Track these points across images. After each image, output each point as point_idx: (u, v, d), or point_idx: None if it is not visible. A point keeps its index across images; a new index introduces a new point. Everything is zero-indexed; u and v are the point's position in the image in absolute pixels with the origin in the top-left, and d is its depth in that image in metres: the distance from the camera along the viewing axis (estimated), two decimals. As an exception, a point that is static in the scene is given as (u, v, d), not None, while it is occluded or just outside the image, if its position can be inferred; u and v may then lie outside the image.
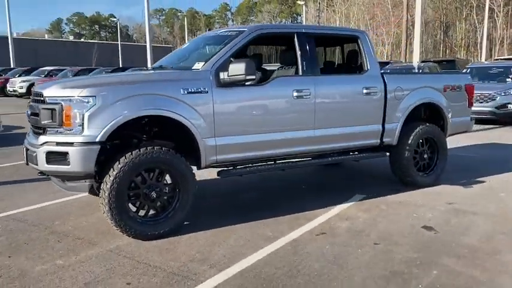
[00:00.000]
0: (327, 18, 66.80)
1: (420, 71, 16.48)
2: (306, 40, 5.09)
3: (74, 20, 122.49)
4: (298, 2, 57.75)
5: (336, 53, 6.93)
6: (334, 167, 7.25)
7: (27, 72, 28.67)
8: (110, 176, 3.95)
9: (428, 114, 6.36)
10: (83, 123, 3.91)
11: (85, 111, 3.91)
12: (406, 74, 8.23)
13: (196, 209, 4.66)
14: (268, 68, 6.02)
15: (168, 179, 4.31)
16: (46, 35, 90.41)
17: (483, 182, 6.22)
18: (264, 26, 5.11)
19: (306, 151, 5.15)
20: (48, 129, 4.03)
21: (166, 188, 4.27)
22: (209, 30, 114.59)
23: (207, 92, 4.37)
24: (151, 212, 4.29)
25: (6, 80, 27.46)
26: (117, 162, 3.98)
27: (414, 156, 5.93)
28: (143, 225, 4.15)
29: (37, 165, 4.08)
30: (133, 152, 4.04)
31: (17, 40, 46.02)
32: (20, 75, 27.99)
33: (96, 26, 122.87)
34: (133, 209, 4.21)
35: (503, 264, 3.61)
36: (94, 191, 4.27)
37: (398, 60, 33.52)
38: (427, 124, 6.01)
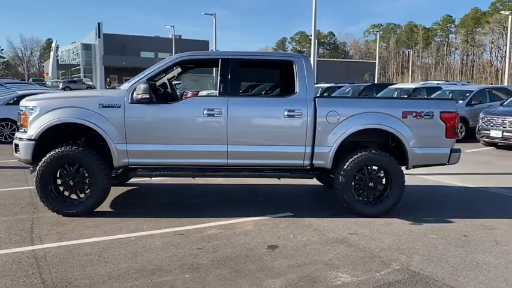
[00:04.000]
0: None
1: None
2: (228, 65, 5.66)
3: (297, 39, 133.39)
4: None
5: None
6: (323, 187, 7.24)
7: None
8: (39, 165, 5.49)
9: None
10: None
11: (30, 117, 5.54)
12: (349, 99, 7.53)
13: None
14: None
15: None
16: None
17: (445, 223, 5.50)
18: (185, 54, 5.87)
19: (219, 164, 5.70)
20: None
21: (83, 178, 5.56)
22: (414, 45, 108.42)
23: (120, 106, 5.49)
24: (72, 195, 5.64)
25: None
26: (45, 156, 5.48)
27: (356, 182, 5.72)
28: (62, 205, 5.54)
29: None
30: (56, 149, 5.49)
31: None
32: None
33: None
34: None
35: None
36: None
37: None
38: (373, 151, 5.69)
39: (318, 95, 5.52)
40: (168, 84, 6.58)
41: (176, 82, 29.46)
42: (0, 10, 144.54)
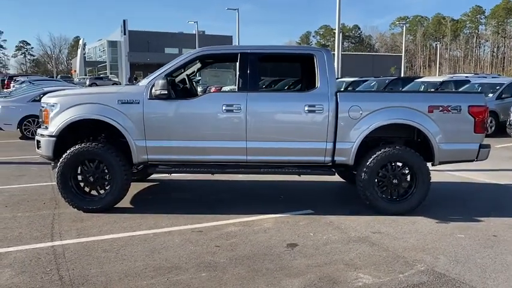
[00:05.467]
0: None
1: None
2: (247, 60, 5.56)
3: (321, 33, 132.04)
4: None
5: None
6: (345, 184, 7.06)
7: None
8: (59, 161, 5.52)
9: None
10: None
11: (51, 114, 5.58)
12: (372, 93, 7.24)
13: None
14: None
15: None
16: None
17: (473, 222, 5.27)
18: (204, 48, 5.80)
19: (238, 160, 5.62)
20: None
21: (103, 174, 5.57)
22: (442, 37, 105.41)
23: (139, 102, 5.47)
24: (92, 191, 5.66)
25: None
26: (66, 153, 5.51)
27: (379, 179, 5.55)
28: (82, 201, 5.57)
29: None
30: (76, 146, 5.51)
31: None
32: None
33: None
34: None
35: None
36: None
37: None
38: (397, 147, 5.50)
39: (342, 89, 5.36)
40: (187, 79, 6.52)
41: (198, 79, 29.42)
42: (31, 9, 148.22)
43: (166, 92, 5.31)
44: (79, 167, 5.59)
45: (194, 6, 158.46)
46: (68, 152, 5.48)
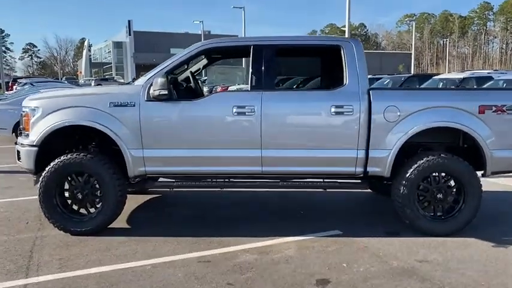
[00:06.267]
0: None
1: None
2: (262, 53, 4.69)
3: (327, 31, 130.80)
4: None
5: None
6: (374, 195, 6.16)
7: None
8: (42, 175, 4.67)
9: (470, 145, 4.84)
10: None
11: (32, 119, 4.74)
12: (412, 91, 6.32)
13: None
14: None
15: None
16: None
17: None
18: (211, 41, 4.91)
19: (252, 172, 4.75)
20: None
21: (93, 190, 4.73)
22: (450, 34, 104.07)
23: (134, 105, 4.61)
24: (80, 209, 4.81)
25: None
26: (49, 165, 4.66)
27: (421, 193, 4.66)
28: (69, 221, 4.72)
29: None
30: (61, 157, 4.66)
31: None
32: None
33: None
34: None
35: None
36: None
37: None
38: (442, 155, 4.60)
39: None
40: (191, 78, 5.66)
41: (204, 78, 28.03)
42: (36, 11, 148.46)
43: (166, 93, 4.45)
44: (65, 182, 4.75)
45: (199, 7, 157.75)
46: (52, 164, 4.63)
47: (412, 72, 47.77)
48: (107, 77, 61.55)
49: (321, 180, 4.85)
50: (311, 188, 4.95)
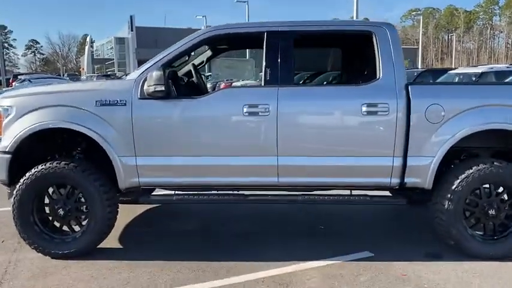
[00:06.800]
0: None
1: None
2: (278, 41, 3.92)
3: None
4: None
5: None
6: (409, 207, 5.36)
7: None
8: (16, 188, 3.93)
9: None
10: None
11: (4, 121, 3.98)
12: (459, 85, 5.53)
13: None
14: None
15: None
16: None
17: None
18: (217, 27, 4.11)
19: (266, 183, 3.99)
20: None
21: (78, 205, 3.99)
22: (455, 29, 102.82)
23: (125, 104, 3.85)
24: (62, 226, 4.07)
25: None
26: (25, 176, 3.91)
27: (467, 209, 3.89)
28: (49, 242, 3.97)
29: None
30: (40, 166, 3.90)
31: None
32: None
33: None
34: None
35: None
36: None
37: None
38: (496, 163, 3.82)
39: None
40: (194, 72, 4.88)
41: (208, 74, 26.39)
42: (39, 8, 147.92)
43: (163, 89, 3.69)
44: (45, 196, 4.01)
45: (203, 1, 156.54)
46: (28, 174, 3.89)
47: (420, 67, 46.84)
48: (109, 73, 60.81)
49: (348, 194, 4.08)
50: (336, 203, 4.16)
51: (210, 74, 27.17)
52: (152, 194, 4.28)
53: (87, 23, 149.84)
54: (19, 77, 35.76)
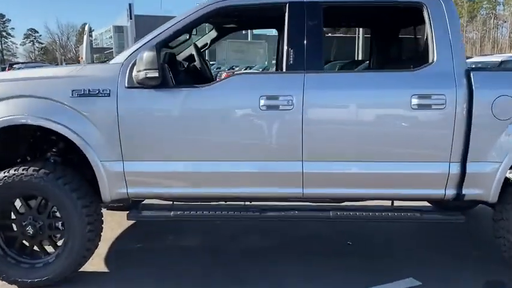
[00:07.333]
0: None
1: None
2: (303, 16, 3.07)
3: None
4: None
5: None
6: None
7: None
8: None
9: None
10: None
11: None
12: None
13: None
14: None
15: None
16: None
17: None
18: (224, -1, 3.24)
19: (289, 195, 3.18)
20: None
21: (52, 221, 3.18)
22: (465, 18, 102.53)
23: (109, 94, 3.02)
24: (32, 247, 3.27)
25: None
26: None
27: (542, 229, 3.08)
28: (15, 268, 3.18)
29: None
30: (2, 172, 3.09)
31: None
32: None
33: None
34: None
35: None
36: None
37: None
38: None
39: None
40: (196, 55, 4.02)
41: (212, 63, 24.11)
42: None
43: (157, 75, 2.86)
44: (11, 210, 3.21)
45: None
46: (-14, 184, 3.07)
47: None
48: (106, 61, 59.89)
49: (390, 207, 3.26)
50: (379, 221, 3.33)
51: (213, 63, 24.79)
52: (144, 207, 3.43)
53: (86, 12, 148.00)
54: (15, 66, 34.90)
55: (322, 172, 3.06)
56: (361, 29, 25.29)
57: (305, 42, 3.04)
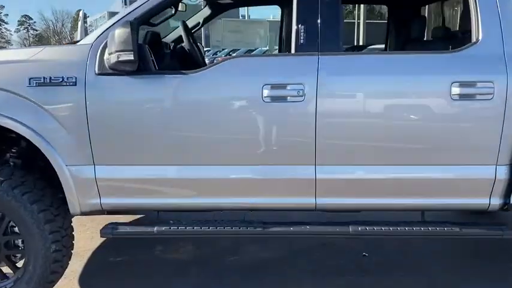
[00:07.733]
0: None
1: None
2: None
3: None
4: None
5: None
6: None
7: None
8: None
9: None
10: None
11: None
12: None
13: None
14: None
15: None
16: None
17: None
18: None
19: (298, 206, 2.61)
20: None
21: (10, 239, 2.61)
22: None
23: (75, 83, 2.42)
24: None
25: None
26: None
27: None
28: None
29: None
30: None
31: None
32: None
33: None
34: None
35: None
36: None
37: None
38: None
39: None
40: (185, 35, 3.40)
41: (207, 49, 22.17)
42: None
43: (132, 58, 2.26)
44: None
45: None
46: None
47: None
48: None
49: (422, 222, 2.69)
50: (409, 236, 2.75)
51: (208, 49, 23.25)
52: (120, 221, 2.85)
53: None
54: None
55: (340, 178, 2.49)
56: (361, 14, 24.73)
57: (319, 16, 2.44)
